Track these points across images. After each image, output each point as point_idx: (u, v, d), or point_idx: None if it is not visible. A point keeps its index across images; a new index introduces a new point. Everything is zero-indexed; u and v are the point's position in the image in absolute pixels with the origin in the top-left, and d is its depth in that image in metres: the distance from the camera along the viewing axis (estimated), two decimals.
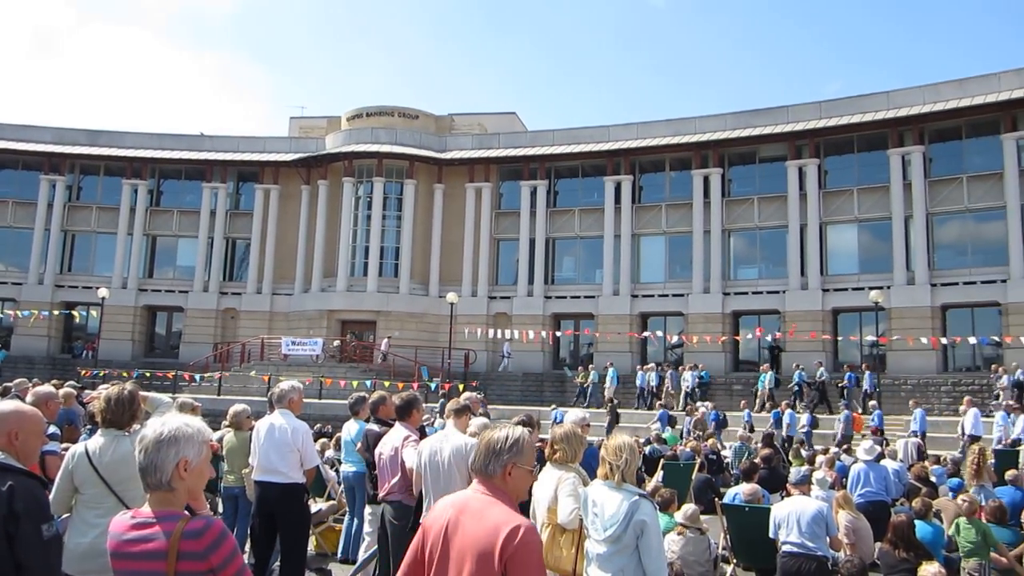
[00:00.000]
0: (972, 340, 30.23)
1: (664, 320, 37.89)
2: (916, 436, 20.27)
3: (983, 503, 9.82)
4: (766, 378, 29.66)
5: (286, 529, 7.45)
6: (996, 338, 30.09)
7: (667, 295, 37.65)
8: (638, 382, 31.31)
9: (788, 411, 24.38)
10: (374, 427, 7.96)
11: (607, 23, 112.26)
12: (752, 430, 22.41)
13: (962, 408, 22.38)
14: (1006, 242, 31.38)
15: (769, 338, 34.16)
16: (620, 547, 4.50)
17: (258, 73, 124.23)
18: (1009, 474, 12.34)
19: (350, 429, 9.47)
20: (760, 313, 35.93)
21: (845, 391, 28.65)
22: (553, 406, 28.08)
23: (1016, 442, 19.36)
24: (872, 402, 25.37)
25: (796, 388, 29.43)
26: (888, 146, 33.96)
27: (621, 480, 4.61)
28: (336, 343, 38.54)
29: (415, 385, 30.99)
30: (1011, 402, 23.19)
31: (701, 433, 20.73)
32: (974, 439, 19.31)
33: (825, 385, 29.20)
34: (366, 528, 8.24)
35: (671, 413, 25.09)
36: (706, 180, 37.26)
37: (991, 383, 27.45)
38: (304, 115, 49.04)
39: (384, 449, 7.06)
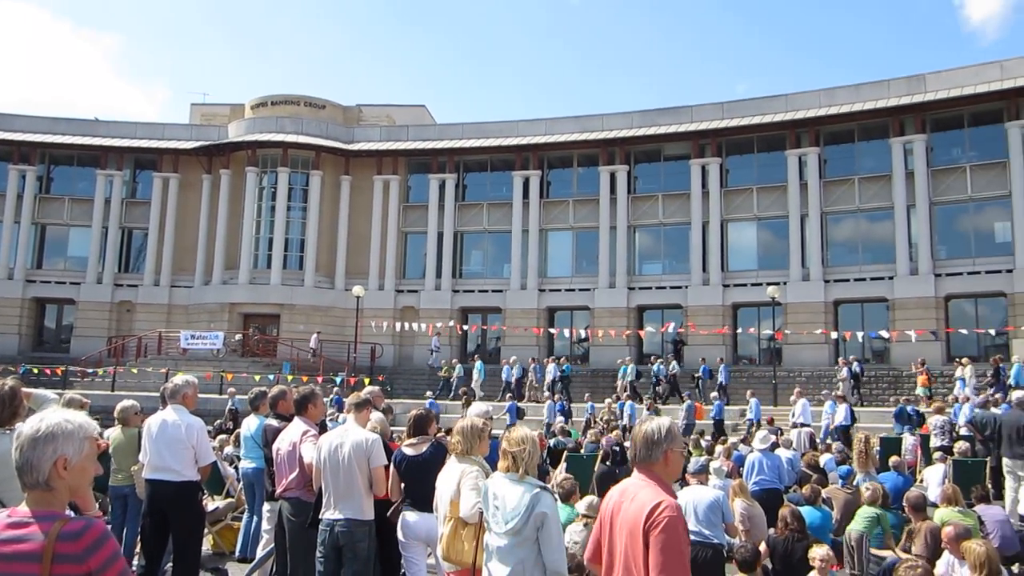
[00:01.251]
0: (860, 334, 31.76)
1: (571, 314, 38.35)
2: (801, 427, 21.10)
3: (868, 489, 10.26)
4: (627, 370, 30.29)
5: (179, 529, 7.19)
6: (884, 333, 31.57)
7: (574, 290, 38.12)
8: (503, 375, 31.38)
9: (629, 402, 24.78)
10: (273, 422, 7.77)
11: (522, 17, 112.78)
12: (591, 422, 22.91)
13: (792, 398, 23.71)
14: (893, 241, 32.99)
15: (671, 329, 34.98)
16: (521, 539, 4.50)
17: (159, 58, 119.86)
18: (892, 460, 12.96)
19: (250, 424, 9.23)
20: (664, 308, 36.77)
21: (699, 383, 29.52)
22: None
23: (840, 428, 20.93)
24: (713, 393, 26.20)
25: (654, 380, 30.23)
26: (786, 147, 35.20)
27: (524, 473, 4.61)
28: (238, 337, 37.57)
29: (320, 379, 30.51)
30: (838, 392, 24.47)
31: (605, 425, 21.02)
32: (802, 426, 20.52)
33: (676, 378, 29.99)
34: (264, 525, 8.04)
35: (520, 405, 26.32)
36: (612, 176, 37.85)
37: (872, 374, 29.01)
38: (206, 102, 47.58)
39: (282, 445, 6.89)
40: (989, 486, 12.25)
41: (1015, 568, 9.15)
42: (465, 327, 38.19)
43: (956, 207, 33.06)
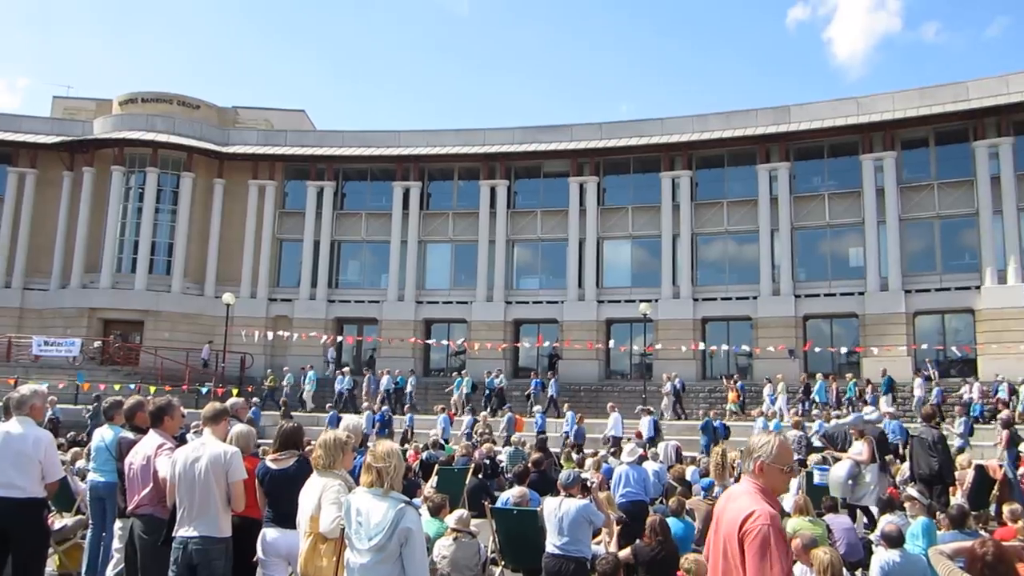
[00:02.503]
0: (724, 347, 33.16)
1: (448, 327, 38.31)
2: (612, 439, 21.82)
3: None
4: (461, 383, 30.68)
5: (20, 548, 6.69)
6: (747, 348, 33.07)
7: (452, 302, 38.12)
8: (336, 386, 31.13)
9: (442, 415, 25.00)
10: (129, 434, 7.36)
11: (409, 27, 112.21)
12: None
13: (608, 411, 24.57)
14: (758, 263, 34.59)
15: (546, 344, 35.48)
16: (384, 556, 4.41)
17: (19, 44, 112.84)
18: None
19: (104, 435, 8.71)
20: (540, 322, 37.24)
21: (530, 396, 30.16)
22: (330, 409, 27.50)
23: (649, 439, 21.74)
24: (536, 407, 26.98)
25: (486, 393, 30.69)
26: (661, 169, 36.40)
27: (389, 488, 4.53)
28: (97, 344, 35.62)
29: (184, 388, 29.30)
30: (643, 407, 25.29)
31: (478, 439, 21.05)
32: (615, 440, 21.46)
33: (504, 391, 30.53)
34: (115, 544, 7.60)
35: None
36: (493, 191, 38.14)
37: (723, 390, 30.44)
38: (70, 95, 45.20)
39: (135, 459, 6.54)
40: (875, 498, 12.88)
41: (858, 573, 9.68)
42: (340, 338, 37.45)
43: (815, 232, 34.96)
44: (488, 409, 28.92)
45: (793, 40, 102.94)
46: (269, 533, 5.95)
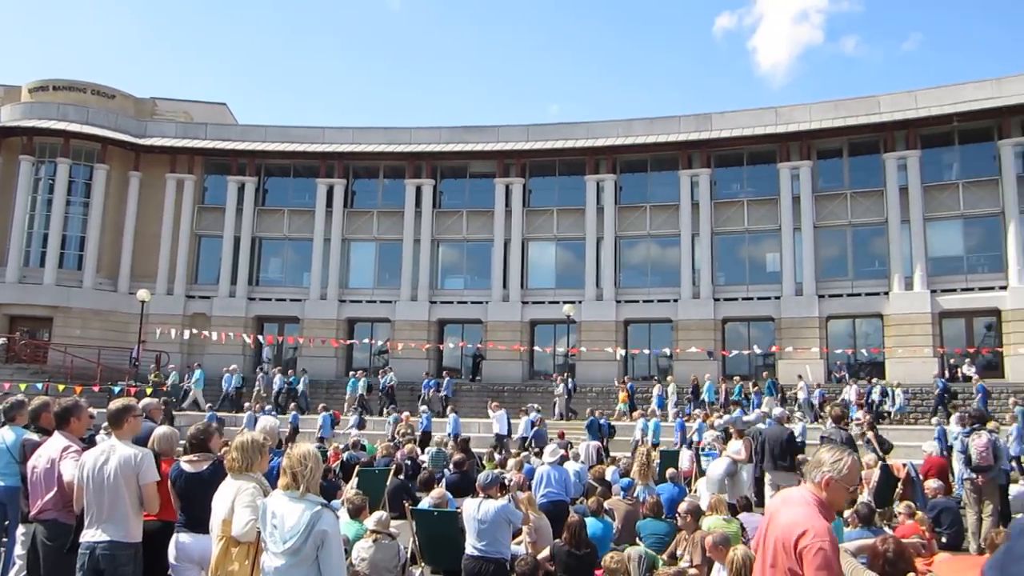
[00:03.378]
0: (647, 351, 33.80)
1: (372, 326, 37.99)
2: (497, 437, 22.10)
3: (645, 500, 10.83)
4: (357, 383, 30.59)
5: None
6: (667, 350, 33.75)
7: (375, 301, 37.80)
8: (224, 385, 30.65)
9: (324, 414, 24.81)
10: (33, 436, 7.07)
11: (338, 22, 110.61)
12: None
13: (490, 411, 25.09)
14: (679, 266, 35.28)
15: (470, 345, 35.53)
16: (299, 559, 4.36)
17: None
18: (669, 472, 13.75)
19: (5, 437, 8.34)
20: (464, 322, 37.24)
21: (421, 397, 30.24)
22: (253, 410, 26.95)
23: (521, 438, 22.52)
24: (423, 407, 26.98)
25: (380, 392, 30.89)
26: (586, 172, 36.79)
27: (305, 490, 4.47)
28: (1, 341, 34.14)
29: (96, 388, 28.31)
30: (534, 404, 25.89)
31: (400, 439, 20.93)
32: (500, 437, 21.95)
33: (393, 390, 30.57)
34: (17, 550, 7.29)
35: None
36: (419, 190, 37.97)
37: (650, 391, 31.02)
38: None
39: (39, 461, 6.28)
40: (753, 495, 13.27)
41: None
42: (261, 337, 36.68)
43: (734, 237, 35.84)
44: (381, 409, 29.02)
45: (720, 48, 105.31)
46: (182, 537, 5.80)
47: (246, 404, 28.76)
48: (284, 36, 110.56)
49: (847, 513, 9.41)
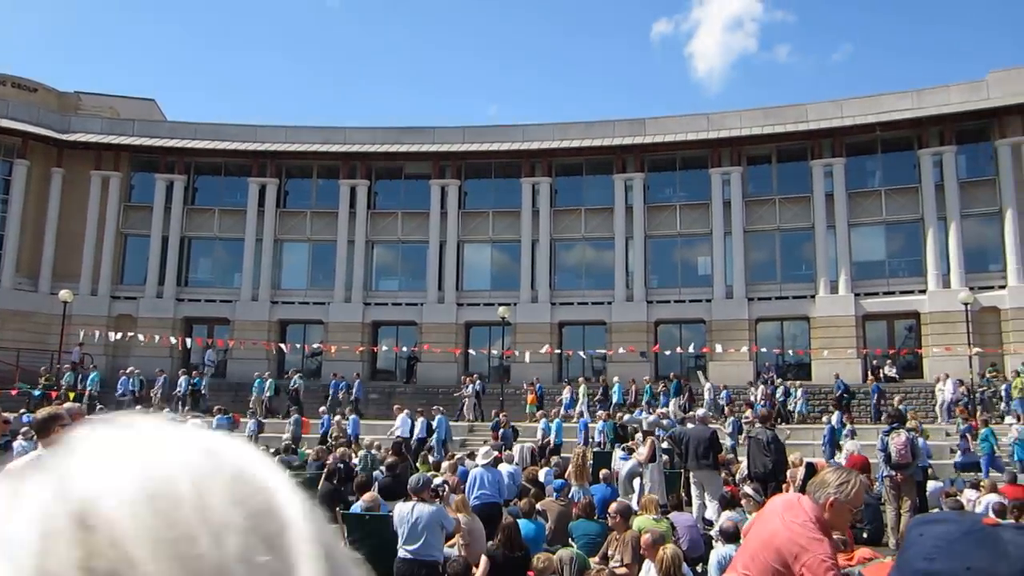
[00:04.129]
0: (582, 354, 34.07)
1: (304, 328, 37.43)
2: (400, 439, 22.01)
3: (578, 500, 10.92)
4: (264, 384, 30.35)
5: None
6: (601, 351, 34.16)
7: (308, 303, 37.29)
8: (119, 387, 29.79)
9: (219, 416, 24.41)
10: None
11: (274, 18, 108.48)
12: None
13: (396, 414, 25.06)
14: (613, 269, 35.67)
15: (405, 348, 35.32)
16: None
17: None
18: (602, 473, 13.88)
19: None
20: (399, 324, 36.99)
21: (327, 398, 30.08)
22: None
23: (418, 439, 22.62)
24: (322, 408, 26.97)
25: (279, 393, 30.57)
26: (521, 175, 36.92)
27: None
28: None
29: (14, 392, 27.30)
30: (439, 407, 25.80)
31: (333, 442, 20.72)
32: (403, 440, 21.78)
33: (298, 392, 30.25)
34: None
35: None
36: (353, 191, 37.61)
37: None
38: None
39: None
40: (683, 494, 13.50)
41: (699, 568, 10.13)
42: (188, 339, 35.77)
43: (667, 241, 36.38)
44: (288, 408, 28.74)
45: (657, 53, 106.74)
46: None
47: (157, 406, 28.06)
48: (217, 32, 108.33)
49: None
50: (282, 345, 35.20)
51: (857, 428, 23.13)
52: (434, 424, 23.29)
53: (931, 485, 14.53)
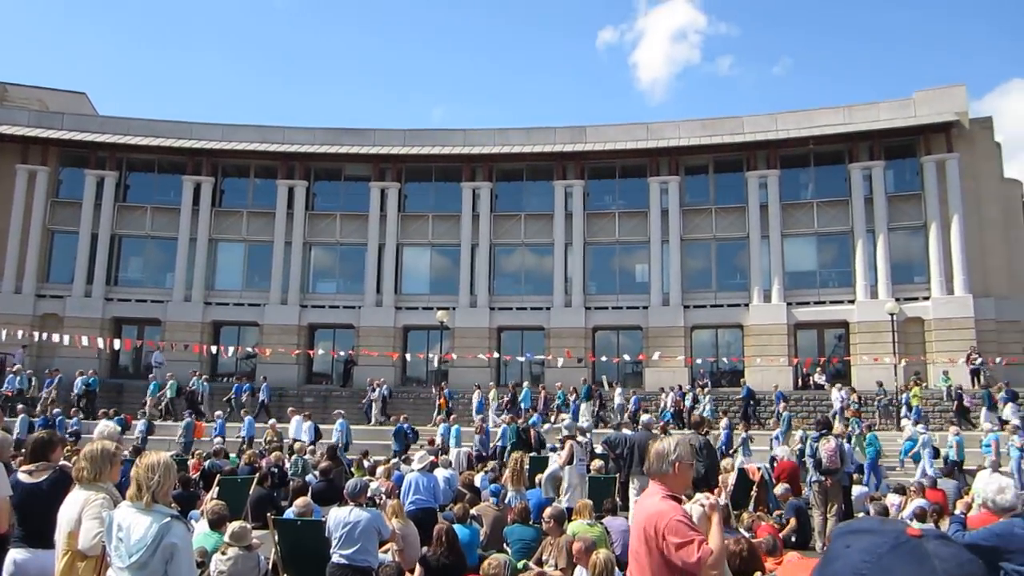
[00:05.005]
0: (521, 358, 34.21)
1: (239, 330, 36.74)
2: (293, 442, 21.98)
3: (514, 505, 10.93)
4: (158, 386, 29.88)
5: None
6: (539, 357, 34.32)
7: (243, 304, 36.63)
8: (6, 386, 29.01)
9: (104, 420, 24.38)
10: None
11: (213, 14, 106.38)
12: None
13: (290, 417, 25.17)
14: (552, 275, 35.87)
15: (341, 352, 34.93)
16: (147, 573, 4.16)
17: None
18: (538, 478, 13.94)
19: None
20: (336, 327, 36.60)
21: (230, 400, 29.78)
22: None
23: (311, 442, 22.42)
24: (217, 412, 26.50)
25: (180, 395, 30.22)
26: (462, 179, 36.88)
27: (152, 501, 4.26)
28: None
29: None
30: (340, 411, 25.65)
31: (266, 446, 20.38)
32: (294, 441, 21.96)
33: (196, 394, 29.86)
34: None
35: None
36: (291, 191, 37.11)
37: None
38: None
39: None
40: (618, 499, 13.62)
41: None
42: (117, 341, 34.71)
43: (606, 248, 36.72)
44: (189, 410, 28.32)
45: (602, 61, 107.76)
46: (17, 554, 5.40)
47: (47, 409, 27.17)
48: (152, 25, 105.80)
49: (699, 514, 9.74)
50: (214, 347, 34.36)
51: (754, 434, 23.69)
52: (336, 428, 22.99)
53: (856, 490, 14.92)
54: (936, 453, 20.63)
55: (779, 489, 13.49)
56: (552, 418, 27.14)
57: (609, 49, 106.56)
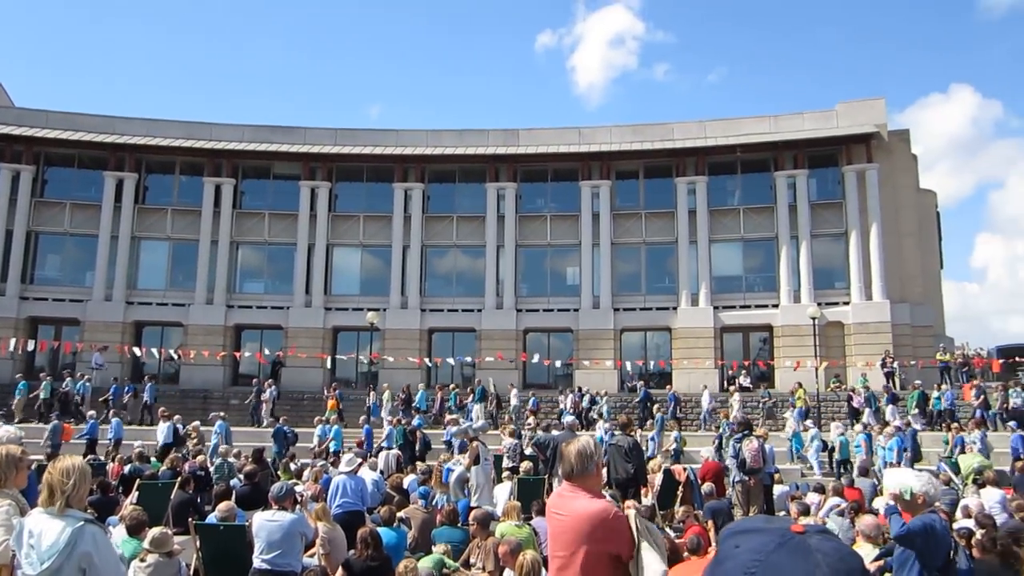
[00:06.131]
0: (451, 360, 34.13)
1: (162, 330, 35.77)
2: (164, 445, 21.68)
3: (442, 507, 10.90)
4: (26, 386, 28.92)
5: None
6: (469, 358, 34.31)
7: (167, 304, 35.69)
8: None
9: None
10: None
11: (138, 3, 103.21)
12: None
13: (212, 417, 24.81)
14: (484, 277, 35.87)
15: (268, 353, 34.26)
16: None
17: None
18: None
19: None
20: (264, 328, 35.95)
21: (108, 402, 28.92)
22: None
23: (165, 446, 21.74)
24: (90, 412, 26.08)
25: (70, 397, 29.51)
26: (394, 179, 36.62)
27: (65, 506, 4.12)
28: None
29: None
30: (220, 412, 25.26)
31: (191, 449, 19.90)
32: (166, 447, 21.40)
33: (71, 396, 29.17)
34: None
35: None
36: (218, 189, 36.33)
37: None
38: None
39: None
40: (490, 498, 13.72)
41: None
42: (32, 341, 33.36)
43: (538, 251, 36.90)
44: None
45: (541, 65, 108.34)
46: None
47: None
48: (73, 14, 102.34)
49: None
50: (136, 349, 33.29)
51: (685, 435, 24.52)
52: (214, 430, 22.54)
53: (777, 489, 15.30)
54: (825, 446, 22.41)
55: (706, 488, 13.74)
56: (444, 420, 26.78)
57: (548, 52, 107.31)
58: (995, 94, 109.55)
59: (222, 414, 24.16)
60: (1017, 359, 33.42)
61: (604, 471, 14.46)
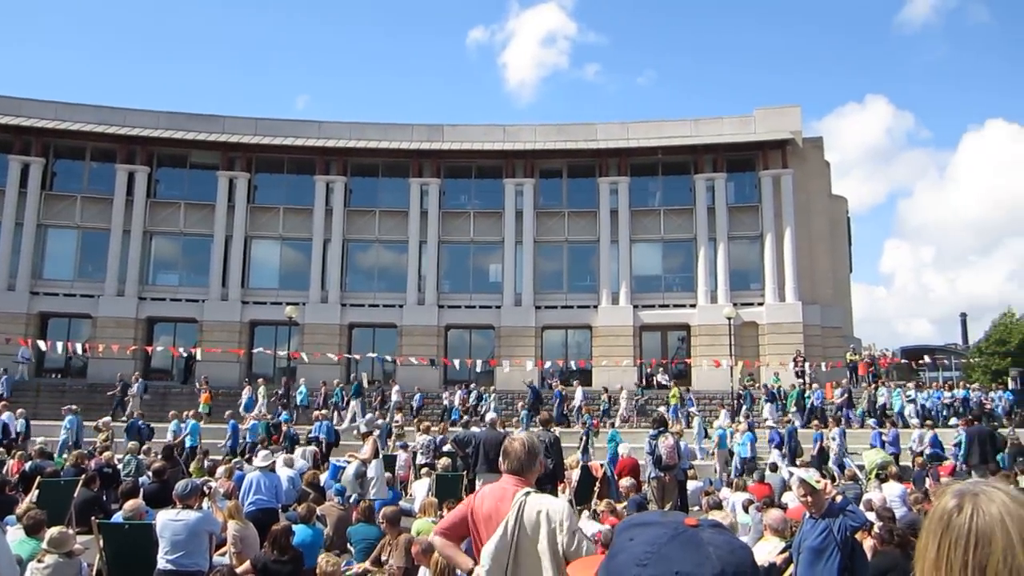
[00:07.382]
0: (372, 355, 33.71)
1: (69, 322, 34.44)
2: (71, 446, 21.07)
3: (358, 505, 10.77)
4: None
5: None
6: (389, 357, 33.96)
7: (75, 295, 34.37)
8: None
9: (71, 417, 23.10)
10: None
11: None
12: None
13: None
14: (406, 272, 35.61)
15: (182, 350, 33.29)
16: None
17: None
18: (386, 476, 13.79)
19: None
20: (178, 321, 34.99)
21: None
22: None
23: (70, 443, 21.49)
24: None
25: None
26: (316, 172, 36.04)
27: None
28: None
29: None
30: (72, 406, 24.54)
31: (100, 445, 19.20)
32: (65, 444, 21.09)
33: None
34: None
35: None
36: (131, 176, 35.15)
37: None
38: None
39: None
40: (387, 493, 13.72)
41: None
42: None
43: (461, 247, 36.83)
44: None
45: (472, 60, 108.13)
46: None
47: None
48: None
49: None
50: (40, 342, 31.84)
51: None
52: (64, 424, 21.76)
53: (691, 485, 15.61)
54: (706, 433, 23.84)
55: (625, 482, 13.92)
56: (312, 415, 26.28)
57: (479, 48, 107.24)
58: (908, 106, 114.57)
59: (74, 407, 22.97)
60: (918, 361, 34.95)
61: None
